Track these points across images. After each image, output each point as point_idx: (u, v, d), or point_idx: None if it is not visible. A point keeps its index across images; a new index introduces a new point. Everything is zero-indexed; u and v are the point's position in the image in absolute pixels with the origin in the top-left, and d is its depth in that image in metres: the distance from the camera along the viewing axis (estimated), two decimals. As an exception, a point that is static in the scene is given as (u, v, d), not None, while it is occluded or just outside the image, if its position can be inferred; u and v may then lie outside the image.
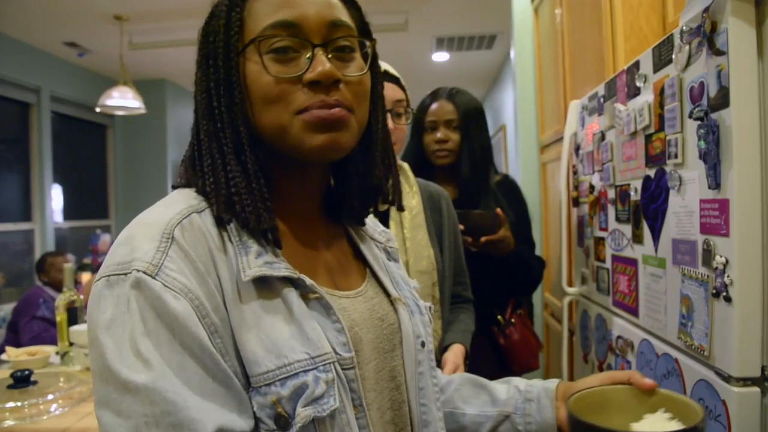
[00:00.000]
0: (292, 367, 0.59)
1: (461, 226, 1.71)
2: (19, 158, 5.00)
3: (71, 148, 5.65)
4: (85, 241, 5.66)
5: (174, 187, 0.71)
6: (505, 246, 1.78)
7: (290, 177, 0.72)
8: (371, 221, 0.91)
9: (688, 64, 1.16)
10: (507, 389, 0.89)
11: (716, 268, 1.05)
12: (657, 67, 1.32)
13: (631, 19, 1.82)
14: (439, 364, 1.37)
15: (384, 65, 1.38)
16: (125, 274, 0.56)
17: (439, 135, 1.87)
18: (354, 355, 0.65)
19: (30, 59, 4.92)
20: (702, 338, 1.11)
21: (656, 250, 1.33)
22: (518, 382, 0.91)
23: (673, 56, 1.22)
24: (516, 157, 3.32)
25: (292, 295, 0.62)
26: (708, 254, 1.09)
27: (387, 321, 0.75)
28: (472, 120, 1.91)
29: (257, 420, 0.58)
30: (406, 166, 1.52)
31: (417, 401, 0.77)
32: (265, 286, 0.62)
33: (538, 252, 2.89)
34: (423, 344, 0.79)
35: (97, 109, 4.62)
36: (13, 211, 4.88)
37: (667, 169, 1.26)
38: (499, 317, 1.93)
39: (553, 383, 0.87)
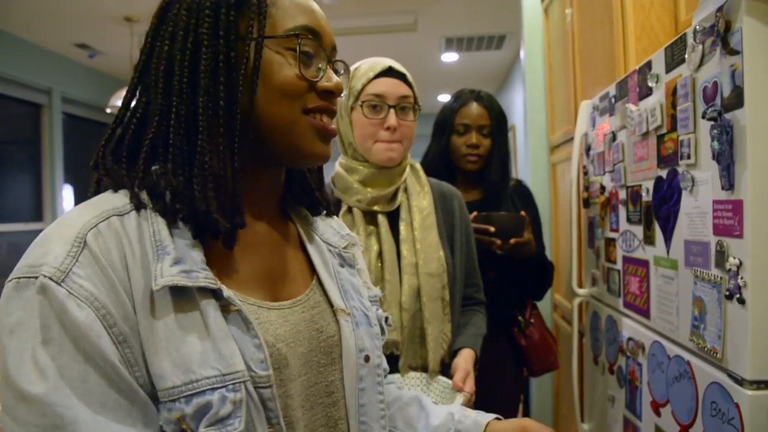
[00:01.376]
0: (198, 384, 0.57)
1: (491, 228, 1.72)
2: (30, 159, 5.04)
3: (82, 149, 5.68)
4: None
5: (97, 189, 0.67)
6: (529, 248, 1.80)
7: (257, 174, 0.71)
8: (336, 224, 0.90)
9: (701, 63, 1.15)
10: (444, 415, 0.87)
11: (729, 269, 1.04)
12: (669, 67, 1.30)
13: (643, 19, 1.81)
14: (449, 368, 1.36)
15: (389, 61, 1.37)
16: (34, 278, 0.54)
17: (473, 140, 1.88)
18: (271, 374, 0.62)
19: (41, 61, 4.95)
20: (714, 340, 1.10)
21: (668, 252, 1.32)
22: (457, 409, 0.88)
23: (686, 56, 1.20)
24: (525, 158, 3.31)
25: (210, 307, 0.60)
26: (721, 256, 1.07)
27: (326, 333, 0.73)
28: (502, 126, 1.94)
29: None
30: (417, 165, 1.49)
31: (357, 419, 0.74)
32: (183, 295, 0.59)
33: (547, 253, 2.89)
34: (367, 358, 0.76)
35: (108, 110, 4.64)
36: (24, 212, 4.92)
37: (680, 169, 1.25)
38: (519, 318, 1.93)
39: (486, 418, 0.85)
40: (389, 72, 1.35)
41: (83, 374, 0.53)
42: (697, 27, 1.15)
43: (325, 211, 0.87)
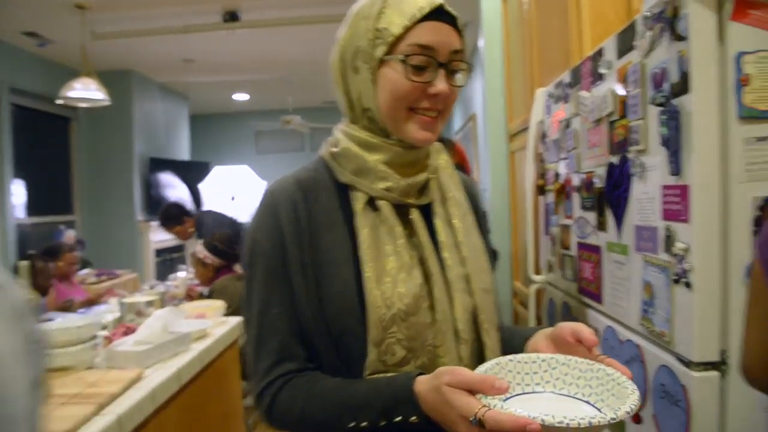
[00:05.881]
0: None
1: None
2: (-22, 152, 4.84)
3: (33, 142, 5.49)
4: (48, 237, 5.51)
5: None
6: None
7: None
8: None
9: (650, 49, 1.15)
10: None
11: (677, 254, 1.05)
12: (620, 53, 1.31)
13: (597, 7, 1.82)
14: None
15: None
16: None
17: None
18: None
19: (-12, 49, 4.76)
20: (663, 324, 1.11)
21: (620, 237, 1.33)
22: None
23: (636, 42, 1.21)
24: (485, 146, 3.32)
25: None
26: (669, 240, 1.09)
27: None
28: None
29: None
30: (439, 144, 1.05)
31: None
32: None
33: (507, 240, 2.91)
34: None
35: (59, 101, 4.49)
36: (-28, 207, 4.73)
37: (630, 155, 1.26)
38: None
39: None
40: (438, 13, 0.91)
41: None
42: (647, 13, 1.15)
43: None
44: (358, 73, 0.92)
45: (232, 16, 4.54)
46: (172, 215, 4.11)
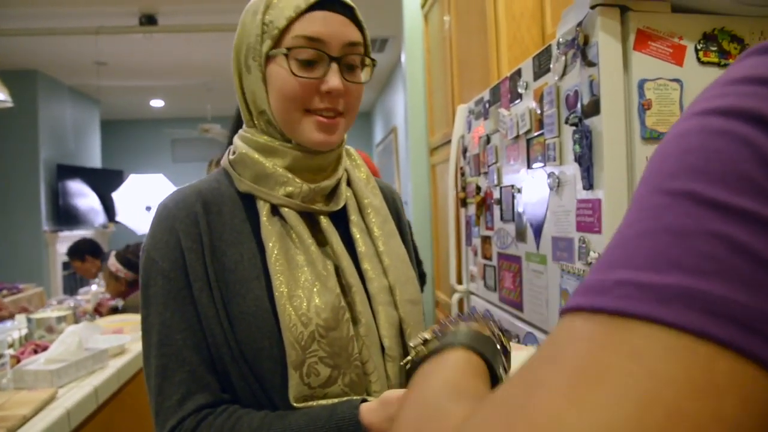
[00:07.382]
0: None
1: None
2: None
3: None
4: (-59, 248, 5.10)
5: None
6: None
7: None
8: None
9: (564, 73, 1.24)
10: None
11: (591, 263, 1.13)
12: (537, 75, 1.40)
13: (514, 30, 1.92)
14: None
15: None
16: None
17: None
18: None
19: None
20: (578, 329, 1.19)
21: (538, 248, 1.41)
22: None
23: (551, 65, 1.30)
24: (407, 159, 3.40)
25: None
26: (584, 250, 1.17)
27: None
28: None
29: None
30: (352, 150, 1.00)
31: None
32: None
33: (429, 251, 2.98)
34: None
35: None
36: None
37: (547, 171, 1.34)
38: None
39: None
40: (330, 3, 0.82)
41: None
42: (560, 39, 1.24)
43: None
44: (250, 72, 0.86)
45: (149, 20, 4.41)
46: (75, 250, 3.98)
